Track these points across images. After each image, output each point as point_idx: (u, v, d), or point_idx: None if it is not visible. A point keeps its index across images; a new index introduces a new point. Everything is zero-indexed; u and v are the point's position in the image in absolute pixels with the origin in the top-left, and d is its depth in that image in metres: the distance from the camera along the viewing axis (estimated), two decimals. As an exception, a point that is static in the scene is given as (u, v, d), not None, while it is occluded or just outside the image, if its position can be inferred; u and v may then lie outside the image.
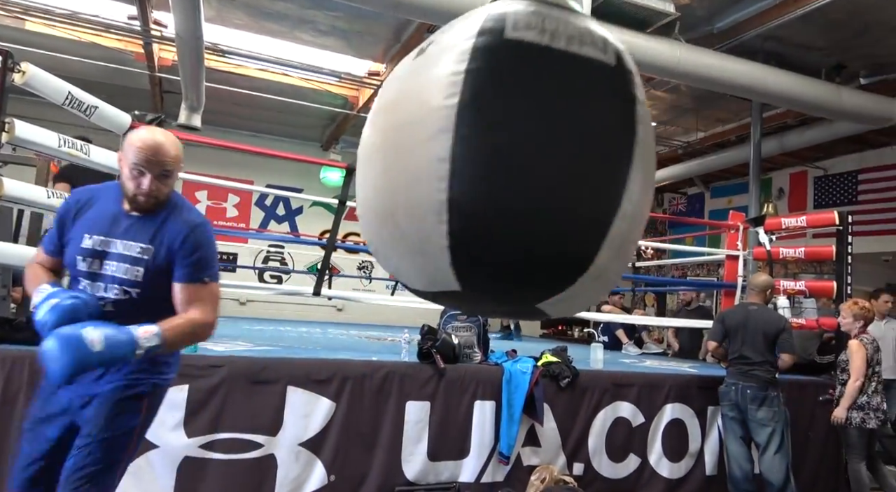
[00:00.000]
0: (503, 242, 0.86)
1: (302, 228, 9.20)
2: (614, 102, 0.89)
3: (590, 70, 0.87)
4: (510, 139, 0.83)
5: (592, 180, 0.87)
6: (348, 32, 5.49)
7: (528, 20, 0.87)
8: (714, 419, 3.68)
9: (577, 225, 0.87)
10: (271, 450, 2.72)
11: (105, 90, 4.28)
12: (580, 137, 0.85)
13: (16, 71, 2.49)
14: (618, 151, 0.88)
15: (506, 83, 0.84)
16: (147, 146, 1.64)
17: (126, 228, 1.69)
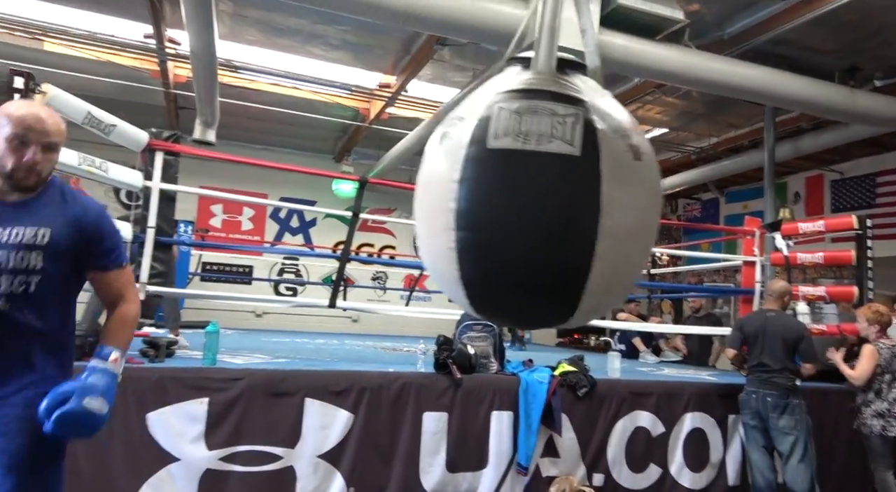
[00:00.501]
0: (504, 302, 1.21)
1: (316, 239, 9.27)
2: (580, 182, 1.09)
3: (555, 163, 1.07)
4: (492, 234, 1.10)
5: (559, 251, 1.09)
6: (358, 46, 5.55)
7: (507, 126, 1.10)
8: (735, 428, 3.63)
9: (555, 272, 1.12)
10: (290, 462, 2.72)
11: (122, 107, 4.35)
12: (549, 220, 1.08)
13: (37, 92, 2.55)
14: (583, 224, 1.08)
15: (487, 190, 1.10)
16: (28, 114, 1.52)
17: (11, 214, 1.53)
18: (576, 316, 1.17)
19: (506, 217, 1.08)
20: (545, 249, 1.09)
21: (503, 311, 1.25)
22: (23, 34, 5.43)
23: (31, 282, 1.52)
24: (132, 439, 2.51)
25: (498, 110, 1.12)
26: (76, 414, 1.41)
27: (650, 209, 1.18)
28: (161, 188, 3.31)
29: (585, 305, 1.14)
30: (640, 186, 1.15)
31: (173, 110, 7.11)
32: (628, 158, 1.12)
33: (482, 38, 4.16)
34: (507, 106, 1.12)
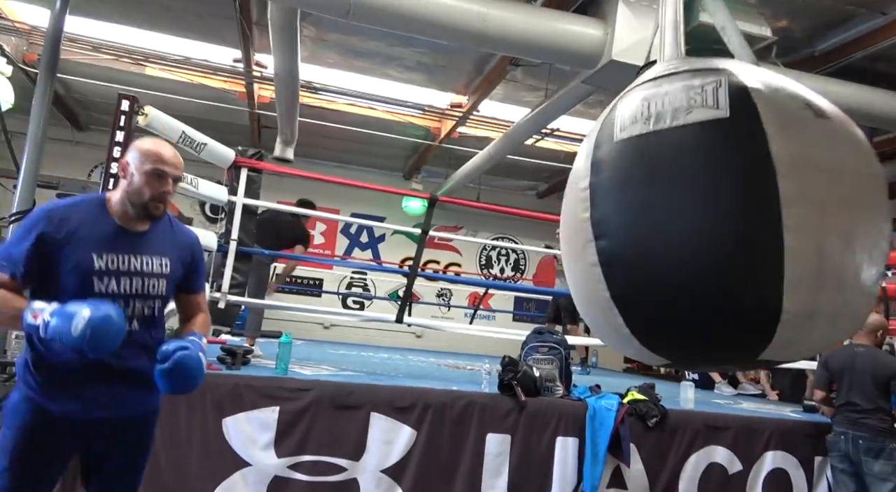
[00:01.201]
0: (671, 318, 0.93)
1: (384, 255, 9.45)
2: (735, 152, 0.88)
3: (701, 134, 0.88)
4: (638, 237, 0.91)
5: (732, 236, 0.86)
6: (432, 67, 5.67)
7: (633, 114, 0.94)
8: (822, 471, 3.36)
9: (736, 283, 0.87)
10: (354, 474, 2.76)
11: (210, 126, 4.65)
12: (705, 203, 0.87)
13: (140, 114, 2.76)
14: (755, 194, 0.85)
15: (620, 186, 0.93)
16: (168, 151, 1.67)
17: (139, 243, 1.65)
18: (782, 329, 0.86)
19: (648, 209, 0.89)
20: (706, 237, 0.86)
21: (671, 337, 0.96)
22: (128, 60, 5.92)
23: (155, 307, 1.68)
24: (209, 442, 2.63)
25: (623, 104, 0.98)
26: (192, 358, 1.53)
27: (862, 173, 0.92)
28: (244, 203, 3.50)
29: (794, 312, 0.85)
30: (837, 145, 0.91)
31: (256, 129, 7.50)
32: (807, 115, 0.91)
33: (556, 58, 4.15)
34: (631, 98, 0.98)
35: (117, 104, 2.74)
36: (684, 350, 0.99)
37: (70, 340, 1.34)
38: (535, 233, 9.10)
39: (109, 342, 1.38)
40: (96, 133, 7.97)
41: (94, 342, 1.35)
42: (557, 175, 8.76)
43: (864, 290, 0.93)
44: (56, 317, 1.37)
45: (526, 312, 9.41)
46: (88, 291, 1.54)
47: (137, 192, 1.62)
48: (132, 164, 1.63)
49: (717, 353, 0.98)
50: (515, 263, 10.14)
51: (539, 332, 3.55)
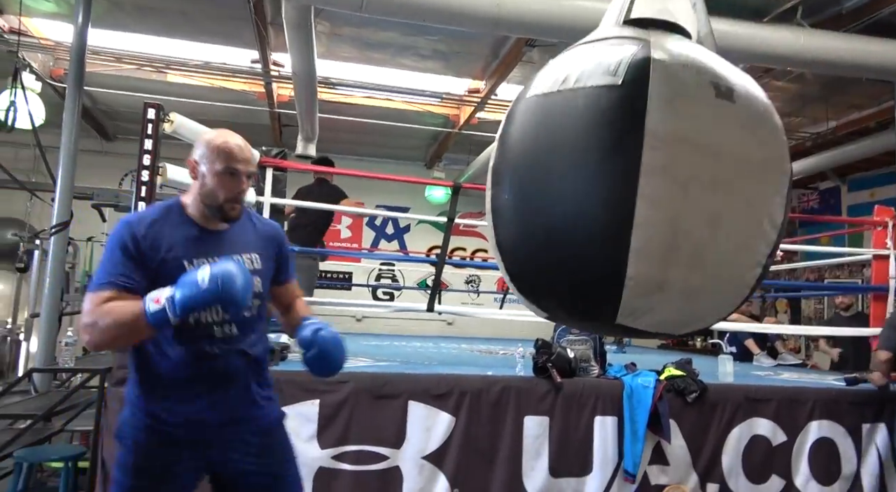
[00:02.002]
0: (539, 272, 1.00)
1: (410, 245, 9.50)
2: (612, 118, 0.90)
3: (589, 97, 0.91)
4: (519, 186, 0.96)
5: (592, 199, 0.89)
6: (448, 54, 5.64)
7: (548, 74, 0.98)
8: (871, 438, 3.30)
9: (588, 247, 0.91)
10: (396, 462, 2.81)
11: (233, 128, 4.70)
12: (576, 163, 0.90)
13: (166, 121, 2.83)
14: (619, 161, 0.87)
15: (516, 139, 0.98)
16: (237, 146, 1.55)
17: (224, 242, 1.57)
18: (627, 297, 0.88)
19: (533, 165, 0.93)
20: (573, 196, 0.89)
21: (542, 291, 1.01)
22: (150, 68, 6.04)
23: (256, 304, 1.61)
24: (254, 436, 2.70)
25: (550, 64, 1.03)
26: (332, 338, 1.55)
27: (753, 159, 0.93)
28: (272, 202, 3.55)
29: (639, 281, 0.87)
30: (729, 127, 0.91)
31: (277, 128, 7.59)
32: (706, 94, 0.91)
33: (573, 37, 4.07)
34: (560, 58, 1.03)
35: (143, 113, 2.80)
36: (550, 304, 1.04)
37: (203, 296, 1.28)
38: (560, 214, 9.03)
39: (240, 285, 1.31)
40: (124, 142, 8.16)
41: (227, 286, 1.28)
42: (580, 154, 8.67)
43: (732, 275, 0.94)
44: (179, 288, 1.31)
45: (556, 294, 9.37)
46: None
47: (211, 194, 1.52)
48: (202, 164, 1.54)
49: (578, 313, 1.03)
50: (543, 245, 10.09)
51: (571, 313, 3.54)
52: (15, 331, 5.43)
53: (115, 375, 2.63)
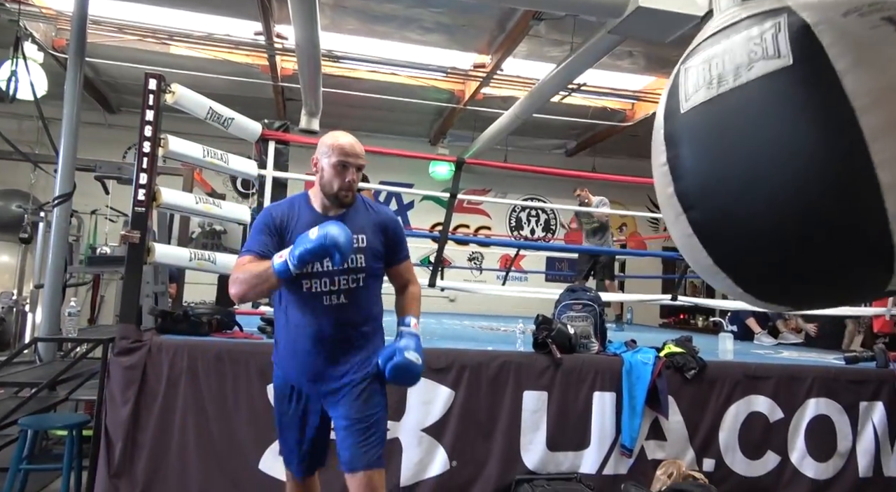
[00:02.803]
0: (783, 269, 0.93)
1: (413, 221, 9.49)
2: (806, 101, 0.83)
3: (766, 87, 0.84)
4: (725, 201, 0.91)
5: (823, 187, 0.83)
6: (453, 27, 5.55)
7: (696, 80, 0.92)
8: (868, 416, 3.32)
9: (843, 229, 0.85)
10: (396, 434, 2.85)
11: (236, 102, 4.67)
12: (785, 160, 0.83)
13: (167, 92, 2.80)
14: (836, 139, 0.81)
15: (696, 155, 0.93)
16: (348, 143, 1.90)
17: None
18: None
19: (730, 176, 0.88)
20: (807, 196, 0.82)
21: (787, 291, 0.98)
22: (152, 40, 5.97)
23: (360, 278, 1.90)
24: (255, 408, 2.74)
25: (683, 72, 0.96)
26: (403, 364, 1.82)
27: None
28: (274, 176, 3.54)
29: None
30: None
31: (281, 102, 7.53)
32: (885, 33, 0.82)
33: (580, 9, 4.02)
34: (693, 63, 0.95)
35: (145, 83, 2.77)
36: (803, 293, 1.01)
37: (312, 247, 1.64)
38: (564, 192, 8.96)
39: (341, 238, 1.65)
40: (127, 115, 8.13)
41: (331, 237, 1.63)
42: (587, 131, 8.58)
43: None
44: (295, 246, 1.68)
45: (558, 272, 9.38)
46: (304, 274, 1.84)
47: (328, 183, 1.88)
48: (321, 159, 1.89)
49: (839, 291, 1.00)
50: (546, 223, 10.07)
51: (572, 290, 3.55)
52: (20, 302, 5.49)
53: (118, 344, 2.66)
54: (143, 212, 2.75)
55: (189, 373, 2.70)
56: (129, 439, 2.61)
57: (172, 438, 2.66)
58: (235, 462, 2.69)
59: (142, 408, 2.64)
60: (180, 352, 2.71)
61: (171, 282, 4.27)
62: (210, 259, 3.16)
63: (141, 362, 2.66)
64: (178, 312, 3.00)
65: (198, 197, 3.28)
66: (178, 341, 2.75)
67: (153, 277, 3.25)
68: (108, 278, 7.56)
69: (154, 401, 2.66)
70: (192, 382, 2.70)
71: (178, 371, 2.70)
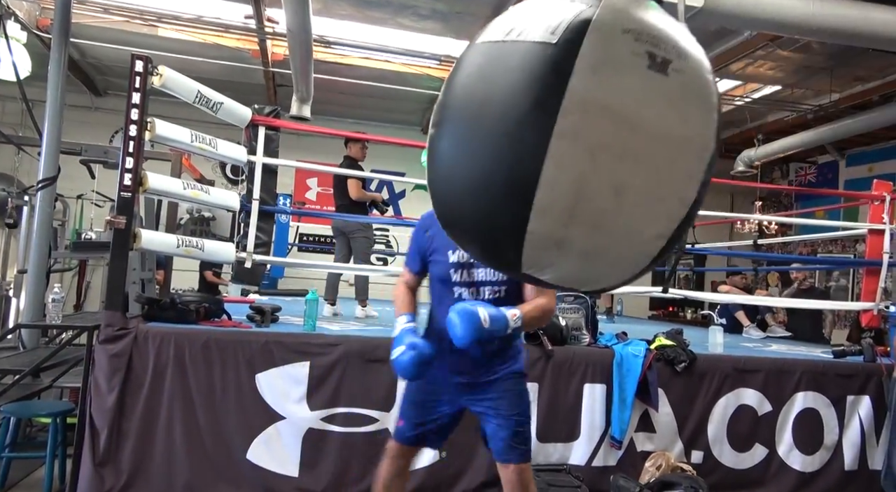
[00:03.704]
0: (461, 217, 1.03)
1: (405, 211, 9.44)
2: (538, 77, 0.90)
3: (524, 53, 0.91)
4: (449, 127, 0.98)
5: (505, 150, 0.91)
6: (448, 14, 5.48)
7: (504, 24, 0.96)
8: (855, 409, 3.34)
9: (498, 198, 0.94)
10: (385, 424, 2.83)
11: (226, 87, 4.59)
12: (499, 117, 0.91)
13: (154, 75, 2.73)
14: (534, 119, 0.88)
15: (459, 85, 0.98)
16: None
17: None
18: (528, 250, 0.95)
19: (466, 111, 0.96)
20: (493, 149, 0.92)
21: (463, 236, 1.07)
22: (140, 21, 5.84)
23: (500, 290, 1.93)
24: (244, 397, 2.71)
25: (506, 12, 1.02)
26: (466, 311, 1.70)
27: (673, 135, 0.94)
28: (264, 162, 3.48)
29: (538, 237, 0.92)
30: (654, 102, 0.91)
31: (272, 88, 7.42)
32: (639, 64, 0.90)
33: (575, -3, 3.96)
34: (516, 8, 1.01)
35: (131, 65, 2.70)
36: (472, 249, 1.10)
37: (394, 361, 1.84)
38: (557, 183, 8.97)
39: (403, 364, 1.81)
40: (114, 98, 7.98)
41: (398, 364, 1.83)
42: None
43: (633, 243, 0.98)
44: (394, 340, 1.87)
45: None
46: (448, 280, 1.96)
47: None
48: None
49: (493, 260, 1.10)
50: (538, 214, 10.05)
51: (564, 281, 3.53)
52: (4, 287, 5.39)
53: (103, 332, 2.61)
54: (129, 197, 2.69)
55: (176, 361, 2.66)
56: (115, 428, 2.57)
57: (158, 427, 2.62)
58: (222, 452, 2.67)
59: (127, 396, 2.61)
60: (167, 340, 2.67)
61: (158, 269, 4.21)
62: (198, 246, 3.11)
63: (127, 350, 2.61)
64: (166, 299, 2.95)
65: (186, 183, 3.22)
66: (165, 329, 2.71)
67: (140, 264, 3.19)
68: (94, 264, 7.46)
69: (140, 389, 2.62)
70: (179, 370, 2.66)
71: (165, 359, 2.66)
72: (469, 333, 1.68)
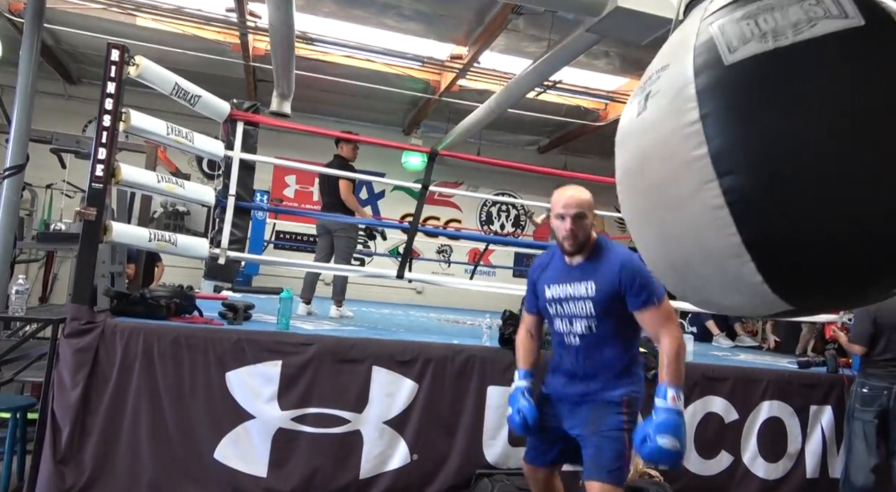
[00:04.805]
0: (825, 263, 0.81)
1: (384, 211, 9.41)
2: (885, 61, 0.77)
3: (835, 48, 0.77)
4: (783, 162, 0.78)
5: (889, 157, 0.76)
6: (431, 16, 5.48)
7: (740, 34, 0.82)
8: (818, 419, 3.43)
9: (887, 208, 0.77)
10: (357, 426, 2.81)
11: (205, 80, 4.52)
12: (856, 121, 0.76)
13: (131, 64, 2.68)
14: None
15: (747, 112, 0.80)
16: (562, 196, 2.04)
17: (570, 274, 2.07)
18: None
19: (792, 131, 0.77)
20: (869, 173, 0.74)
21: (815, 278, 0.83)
22: (117, 10, 5.72)
23: (592, 324, 2.02)
24: (213, 395, 2.66)
25: (719, 27, 0.85)
26: (654, 451, 1.76)
27: None
28: (241, 158, 3.43)
29: None
30: None
31: (252, 83, 7.33)
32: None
33: (559, 5, 4.01)
34: (727, 20, 0.85)
35: (107, 54, 2.64)
36: (833, 290, 0.88)
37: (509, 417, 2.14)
38: (536, 188, 9.02)
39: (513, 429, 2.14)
40: (89, 87, 7.79)
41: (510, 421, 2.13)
42: (559, 129, 8.62)
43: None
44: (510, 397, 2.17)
45: (526, 268, 9.42)
46: (550, 314, 2.14)
47: (557, 235, 2.07)
48: (551, 214, 2.07)
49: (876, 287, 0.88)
50: (516, 218, 10.11)
51: (540, 286, 3.55)
52: (-34, 278, 5.22)
53: (69, 325, 2.54)
54: (100, 188, 2.63)
55: (144, 358, 2.60)
56: (78, 424, 2.51)
57: (123, 424, 2.56)
58: (189, 451, 2.62)
59: (92, 392, 2.54)
60: (135, 335, 2.61)
61: (129, 262, 4.12)
62: (171, 240, 3.05)
63: (93, 345, 2.55)
64: (135, 293, 2.89)
65: (160, 176, 3.16)
66: (134, 324, 2.65)
67: (110, 257, 3.12)
68: (62, 256, 7.27)
69: (105, 385, 2.56)
70: (147, 367, 2.61)
71: (133, 355, 2.60)
72: (677, 463, 1.92)
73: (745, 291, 0.86)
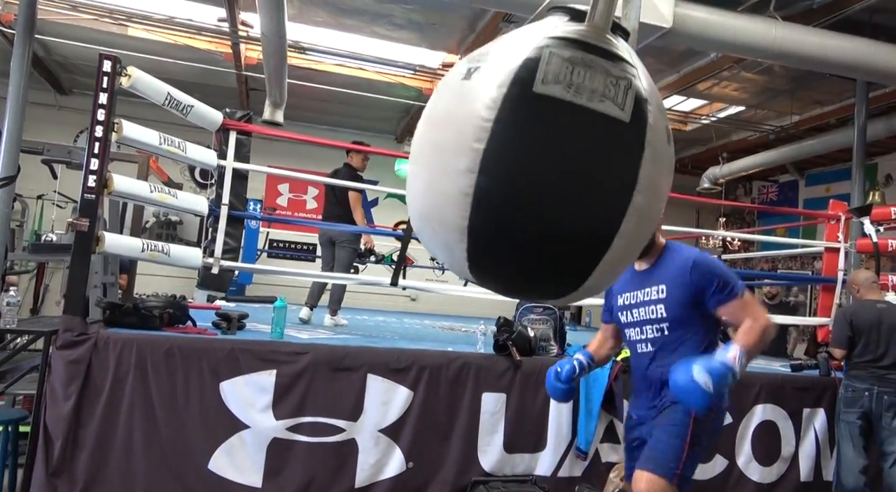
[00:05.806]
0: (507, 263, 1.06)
1: (377, 219, 9.40)
2: (622, 152, 1.00)
3: (604, 124, 0.98)
4: (519, 185, 0.99)
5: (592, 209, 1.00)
6: (423, 25, 5.51)
7: (557, 72, 0.98)
8: (811, 422, 3.45)
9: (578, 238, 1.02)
10: (353, 435, 2.81)
11: (197, 90, 4.53)
12: (584, 181, 0.99)
13: (123, 75, 2.68)
14: (618, 193, 1.00)
15: (525, 136, 0.98)
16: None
17: (640, 280, 2.08)
18: (578, 292, 1.08)
19: (541, 168, 0.99)
20: (574, 212, 1.00)
21: (501, 273, 1.12)
22: (109, 20, 5.72)
23: (663, 327, 2.02)
24: (207, 405, 2.65)
25: (549, 54, 1.01)
26: (683, 385, 1.71)
27: (663, 200, 1.11)
28: (234, 167, 3.44)
29: (592, 282, 1.06)
30: (667, 171, 1.08)
31: (244, 92, 7.34)
32: (664, 139, 1.05)
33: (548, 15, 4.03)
34: (558, 52, 1.01)
35: (98, 65, 2.65)
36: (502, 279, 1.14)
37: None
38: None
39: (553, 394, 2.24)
40: (80, 97, 7.77)
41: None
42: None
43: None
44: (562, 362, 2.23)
45: (520, 274, 9.44)
46: (622, 324, 2.17)
47: None
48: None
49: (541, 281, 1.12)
50: (509, 225, 10.13)
51: (534, 292, 3.57)
52: (-43, 289, 5.18)
53: (61, 337, 2.53)
54: (93, 199, 2.63)
55: (137, 369, 2.59)
56: (70, 437, 2.49)
57: (117, 436, 2.55)
58: (184, 462, 2.60)
59: (85, 404, 2.53)
60: (129, 346, 2.60)
61: (122, 273, 4.10)
62: (164, 250, 3.05)
63: (86, 356, 2.54)
64: (128, 304, 2.88)
65: (153, 185, 3.16)
66: (127, 335, 2.64)
67: (102, 268, 3.11)
68: (53, 267, 7.22)
69: (98, 397, 2.54)
70: (141, 378, 2.59)
71: (126, 366, 2.59)
72: (700, 405, 1.71)
73: (452, 257, 1.10)
